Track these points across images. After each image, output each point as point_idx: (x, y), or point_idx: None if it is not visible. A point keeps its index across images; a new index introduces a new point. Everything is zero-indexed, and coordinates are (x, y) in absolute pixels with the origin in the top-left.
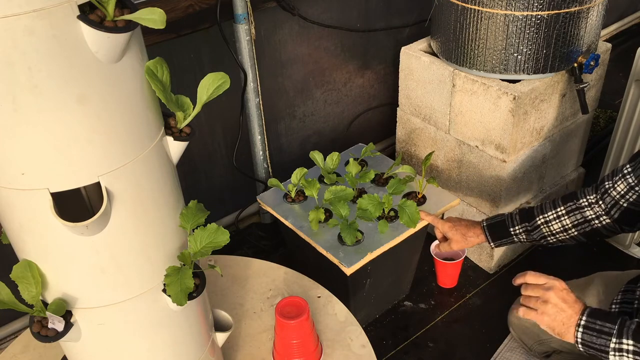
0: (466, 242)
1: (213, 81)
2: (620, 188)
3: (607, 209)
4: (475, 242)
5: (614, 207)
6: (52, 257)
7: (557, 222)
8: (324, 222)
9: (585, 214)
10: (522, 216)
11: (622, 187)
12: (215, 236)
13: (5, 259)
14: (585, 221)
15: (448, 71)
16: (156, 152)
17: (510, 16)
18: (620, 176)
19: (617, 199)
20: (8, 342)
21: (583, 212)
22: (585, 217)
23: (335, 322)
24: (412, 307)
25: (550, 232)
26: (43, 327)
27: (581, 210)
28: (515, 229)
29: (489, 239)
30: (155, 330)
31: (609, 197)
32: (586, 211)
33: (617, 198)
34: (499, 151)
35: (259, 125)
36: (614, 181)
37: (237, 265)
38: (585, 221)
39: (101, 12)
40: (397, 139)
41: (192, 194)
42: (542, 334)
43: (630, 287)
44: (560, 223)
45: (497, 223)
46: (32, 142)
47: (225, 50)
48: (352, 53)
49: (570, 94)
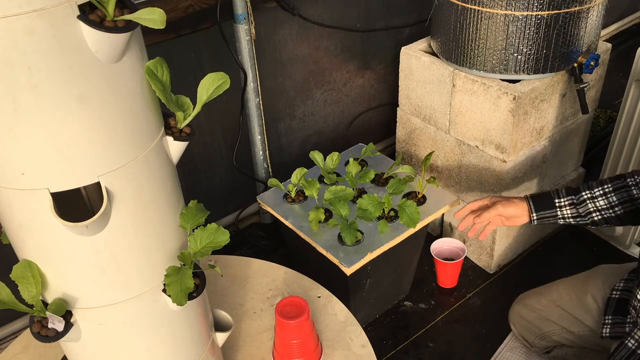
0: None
1: (213, 81)
2: None
3: None
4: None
5: None
6: (52, 257)
7: (604, 199)
8: (324, 222)
9: (631, 192)
10: (568, 191)
11: None
12: (215, 236)
13: (5, 259)
14: (630, 199)
15: (448, 71)
16: (156, 152)
17: (510, 16)
18: None
19: None
20: (8, 342)
21: (629, 191)
22: (630, 195)
23: (335, 322)
24: (412, 307)
25: (596, 207)
26: (43, 327)
27: (627, 188)
28: (561, 201)
29: (532, 208)
30: (155, 330)
31: None
32: (632, 190)
33: None
34: (499, 151)
35: (259, 125)
36: None
37: (237, 265)
38: (630, 199)
39: (101, 12)
40: (397, 139)
41: (192, 194)
42: (544, 328)
43: (632, 276)
44: (606, 199)
45: (542, 194)
46: (32, 142)
47: (225, 50)
48: (352, 53)
49: (570, 94)
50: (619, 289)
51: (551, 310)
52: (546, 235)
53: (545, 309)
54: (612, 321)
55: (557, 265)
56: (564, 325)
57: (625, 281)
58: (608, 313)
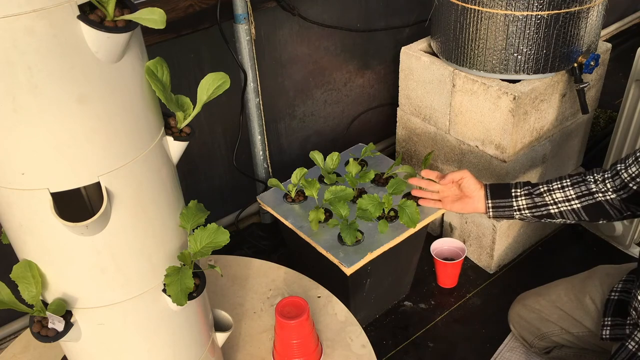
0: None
1: (213, 81)
2: (632, 170)
3: (616, 189)
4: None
5: (623, 189)
6: (52, 257)
7: (561, 192)
8: (324, 222)
9: (590, 186)
10: (527, 183)
11: (634, 169)
12: (215, 236)
13: (5, 259)
14: (589, 193)
15: (448, 71)
16: (156, 152)
17: (510, 16)
18: (633, 159)
19: (628, 180)
20: (8, 342)
21: (588, 185)
22: (589, 190)
23: (335, 322)
24: (412, 307)
25: (553, 200)
26: (43, 327)
27: (586, 183)
28: (518, 190)
29: (488, 195)
30: (155, 330)
31: (619, 179)
32: (591, 184)
33: (628, 180)
34: (499, 151)
35: (259, 125)
36: (627, 164)
37: (237, 265)
38: (589, 193)
39: (101, 12)
40: (397, 139)
41: (192, 194)
42: (544, 328)
43: (631, 277)
44: (563, 193)
45: (501, 184)
46: (32, 142)
47: (225, 50)
48: (352, 53)
49: (570, 94)
50: (618, 290)
51: (550, 311)
52: (546, 235)
53: (544, 309)
54: (611, 323)
55: (557, 265)
56: (563, 326)
57: (623, 282)
58: (607, 315)
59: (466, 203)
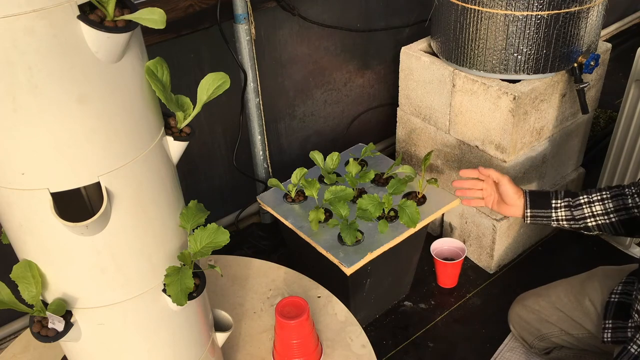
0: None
1: (213, 81)
2: None
3: None
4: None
5: None
6: (52, 257)
7: (600, 204)
8: (324, 222)
9: (626, 201)
10: (567, 193)
11: None
12: (215, 236)
13: (5, 259)
14: (625, 208)
15: (448, 71)
16: (156, 152)
17: (510, 16)
18: None
19: None
20: (8, 342)
21: (625, 200)
22: (625, 204)
23: (335, 322)
24: (412, 307)
25: (592, 213)
26: (43, 327)
27: (624, 197)
28: (558, 202)
29: (528, 204)
30: (155, 330)
31: None
32: (628, 199)
33: None
34: (499, 151)
35: (259, 125)
36: None
37: (237, 265)
38: (625, 208)
39: (101, 12)
40: (397, 139)
41: (192, 194)
42: (543, 329)
43: (631, 278)
44: (603, 205)
45: (541, 192)
46: (32, 142)
47: (225, 50)
48: (352, 53)
49: (570, 94)
50: (618, 292)
51: (550, 312)
52: (546, 235)
53: (544, 310)
54: (612, 325)
55: (557, 266)
56: (562, 327)
57: (623, 284)
58: (608, 317)
59: (506, 210)
